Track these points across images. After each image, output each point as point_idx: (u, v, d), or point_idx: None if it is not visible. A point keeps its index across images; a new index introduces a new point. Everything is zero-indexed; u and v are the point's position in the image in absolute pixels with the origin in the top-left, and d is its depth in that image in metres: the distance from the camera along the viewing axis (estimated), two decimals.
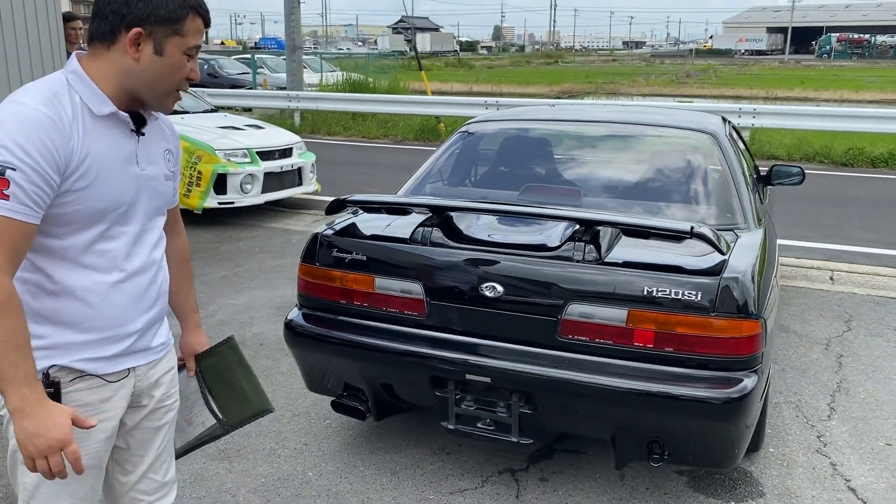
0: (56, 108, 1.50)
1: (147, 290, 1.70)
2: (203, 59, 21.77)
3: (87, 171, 1.53)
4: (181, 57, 1.58)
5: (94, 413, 1.63)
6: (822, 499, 2.92)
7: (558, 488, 2.95)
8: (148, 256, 1.70)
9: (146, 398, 1.77)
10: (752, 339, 2.41)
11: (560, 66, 67.05)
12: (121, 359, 1.67)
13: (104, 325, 1.63)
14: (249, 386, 1.98)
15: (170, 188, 1.76)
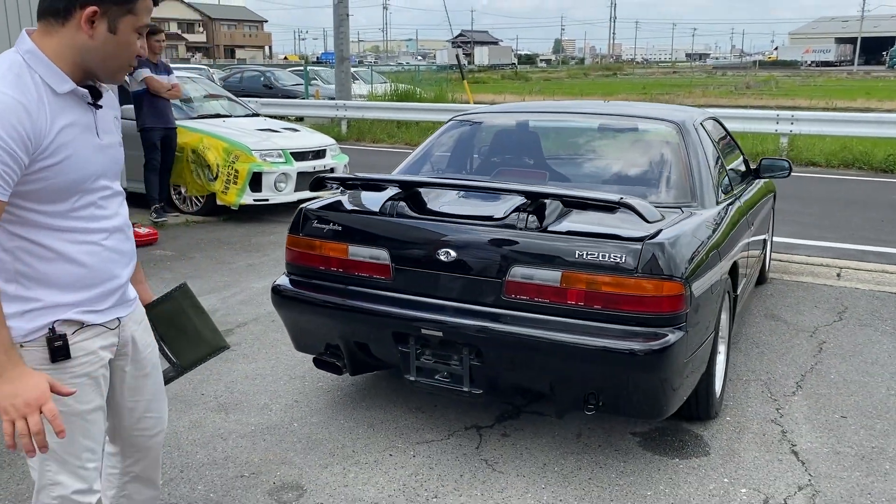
0: (24, 92, 1.60)
1: (123, 247, 1.86)
2: (259, 70, 22.70)
3: (58, 149, 1.64)
4: (132, 35, 1.69)
5: (97, 360, 1.81)
6: (763, 459, 3.12)
7: (517, 443, 3.23)
8: (120, 217, 1.86)
9: (130, 347, 1.93)
10: (674, 299, 2.66)
11: (618, 78, 66.65)
12: (113, 310, 1.85)
13: (97, 282, 1.79)
14: (204, 327, 2.13)
15: (122, 153, 1.90)
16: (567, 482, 2.94)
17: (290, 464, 3.04)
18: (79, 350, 1.76)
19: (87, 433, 1.81)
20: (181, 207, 7.96)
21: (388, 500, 2.79)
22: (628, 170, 3.54)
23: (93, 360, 1.80)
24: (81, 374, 1.78)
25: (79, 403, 1.77)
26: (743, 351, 4.31)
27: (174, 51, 76.73)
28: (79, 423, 1.79)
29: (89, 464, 1.83)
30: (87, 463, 1.82)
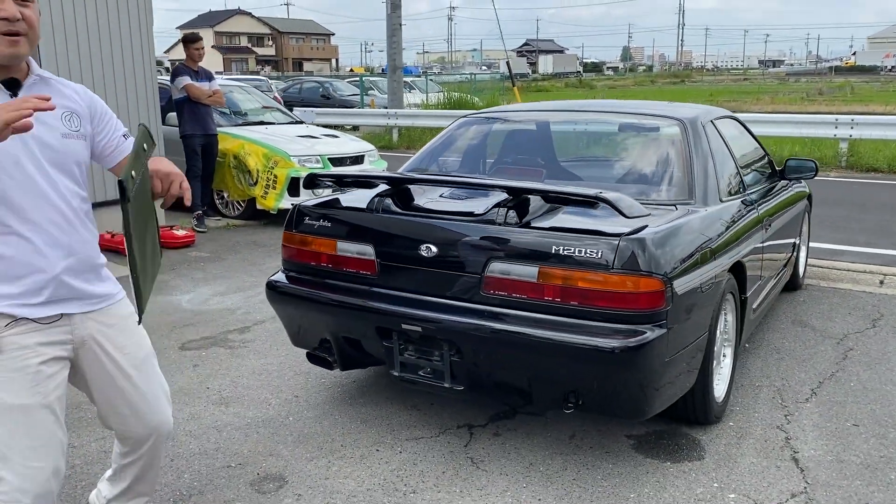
0: None
1: (59, 238, 1.83)
2: (318, 81, 23.17)
3: None
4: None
5: (34, 355, 1.80)
6: (760, 465, 3.01)
7: (507, 443, 3.20)
8: (56, 208, 1.82)
9: (92, 346, 1.93)
10: (652, 296, 2.60)
11: (686, 85, 65.33)
12: (51, 305, 1.83)
13: (21, 273, 1.78)
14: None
15: (73, 146, 1.88)
16: (550, 482, 2.89)
17: (278, 456, 3.08)
18: (10, 344, 1.76)
19: (27, 430, 1.78)
20: (223, 211, 8.18)
21: (366, 494, 2.81)
22: (628, 167, 3.48)
23: (27, 355, 1.78)
24: (14, 369, 1.77)
25: (12, 398, 1.76)
26: (761, 357, 4.17)
27: (244, 63, 78.97)
28: (16, 418, 1.77)
29: (31, 462, 1.79)
30: (28, 462, 1.79)
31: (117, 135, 2.05)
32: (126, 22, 6.66)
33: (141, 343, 2.08)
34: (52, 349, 1.83)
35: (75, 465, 2.95)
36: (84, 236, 1.90)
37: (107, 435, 3.25)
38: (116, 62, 6.61)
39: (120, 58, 6.65)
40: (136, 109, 6.85)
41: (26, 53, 1.80)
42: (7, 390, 1.75)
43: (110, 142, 2.02)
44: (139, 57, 6.84)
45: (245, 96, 9.62)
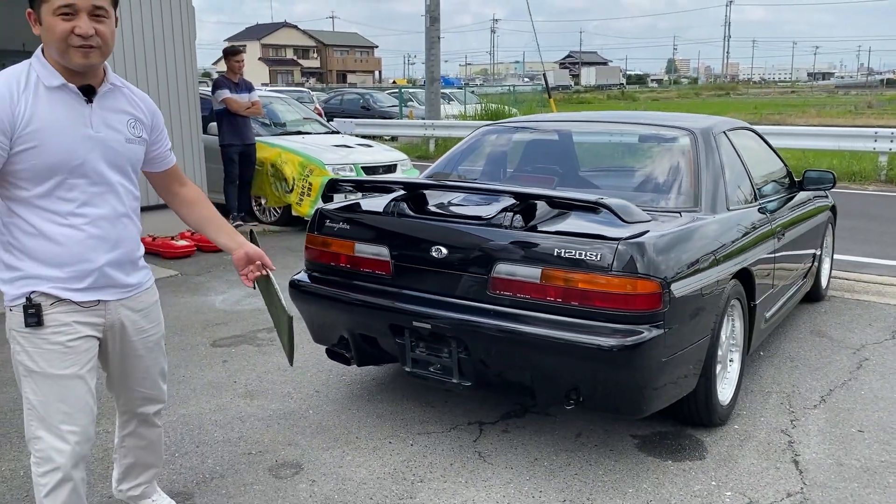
0: (9, 85, 1.87)
1: (107, 234, 2.01)
2: (359, 93, 23.57)
3: (35, 132, 1.86)
4: (53, 19, 1.85)
5: (72, 331, 1.99)
6: (760, 466, 3.09)
7: (515, 439, 3.32)
8: (110, 206, 2.02)
9: (122, 329, 2.12)
10: (649, 297, 2.71)
11: (731, 98, 64.55)
12: (90, 291, 2.01)
13: (70, 261, 1.96)
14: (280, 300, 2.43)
15: (134, 151, 2.08)
16: (552, 476, 3.01)
17: (296, 445, 3.26)
18: (52, 321, 1.96)
19: (62, 397, 1.99)
20: (261, 218, 8.46)
21: (375, 482, 2.96)
22: (639, 175, 3.60)
23: (67, 331, 1.98)
24: (55, 342, 1.98)
25: (52, 368, 1.98)
26: (775, 364, 4.23)
27: (289, 75, 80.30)
28: (53, 385, 1.98)
29: (64, 426, 2.00)
30: (62, 425, 2.00)
31: (166, 147, 2.27)
32: (170, 35, 6.97)
33: (158, 327, 2.26)
34: (86, 328, 2.02)
35: None
36: (131, 232, 2.09)
37: None
38: (160, 73, 6.91)
39: (164, 69, 6.96)
40: (179, 119, 7.15)
41: (99, 63, 1.95)
42: (47, 360, 1.96)
43: (161, 153, 2.23)
44: (181, 69, 7.15)
45: (284, 107, 9.92)
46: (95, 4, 1.87)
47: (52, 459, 2.00)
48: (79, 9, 1.85)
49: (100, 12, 1.89)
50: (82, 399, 2.03)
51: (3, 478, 2.97)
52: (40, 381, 1.97)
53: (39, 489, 2.05)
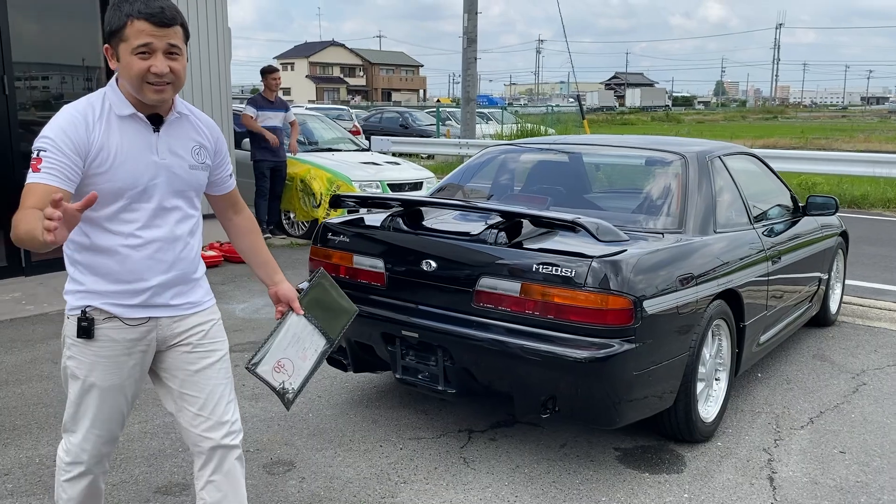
0: (84, 112, 1.97)
1: (163, 256, 2.06)
2: (398, 111, 23.95)
3: (106, 158, 1.95)
4: (130, 58, 1.92)
5: (120, 347, 2.06)
6: (735, 482, 3.18)
7: (500, 447, 3.46)
8: (169, 229, 2.07)
9: (177, 345, 2.14)
10: (620, 313, 2.84)
11: (779, 121, 63.63)
12: (141, 308, 2.07)
13: (125, 279, 2.03)
14: (340, 297, 2.40)
15: (197, 176, 2.13)
16: (531, 482, 3.14)
17: (291, 445, 3.44)
18: (103, 335, 2.04)
19: (100, 406, 2.09)
20: (289, 231, 8.74)
21: (361, 481, 3.13)
22: (628, 197, 3.74)
23: (114, 346, 2.05)
24: (102, 356, 2.06)
25: (95, 378, 2.07)
26: (770, 386, 4.29)
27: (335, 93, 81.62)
28: (93, 394, 2.08)
29: (95, 430, 2.11)
30: (94, 428, 2.11)
31: (227, 173, 2.28)
32: (206, 55, 7.31)
33: (217, 346, 2.21)
34: (135, 344, 2.08)
35: None
36: (187, 254, 2.13)
37: (147, 418, 3.70)
38: (195, 90, 7.25)
39: (199, 87, 7.30)
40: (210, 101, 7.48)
41: (171, 98, 2.03)
42: (92, 371, 2.05)
43: (221, 177, 2.26)
44: (217, 87, 7.48)
45: (319, 125, 10.25)
46: (171, 43, 1.94)
47: (77, 455, 2.14)
48: (155, 48, 1.91)
49: (174, 50, 1.95)
50: (117, 409, 2.12)
51: (21, 464, 3.21)
52: (86, 390, 2.07)
53: (61, 472, 2.18)
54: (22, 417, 3.67)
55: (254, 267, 2.37)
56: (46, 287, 5.94)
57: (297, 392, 2.33)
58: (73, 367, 2.08)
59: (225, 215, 2.36)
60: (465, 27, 16.57)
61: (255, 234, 2.38)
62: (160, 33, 1.92)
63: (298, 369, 2.31)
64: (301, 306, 2.31)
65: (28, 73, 6.46)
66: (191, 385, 2.16)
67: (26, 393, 3.96)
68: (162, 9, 1.92)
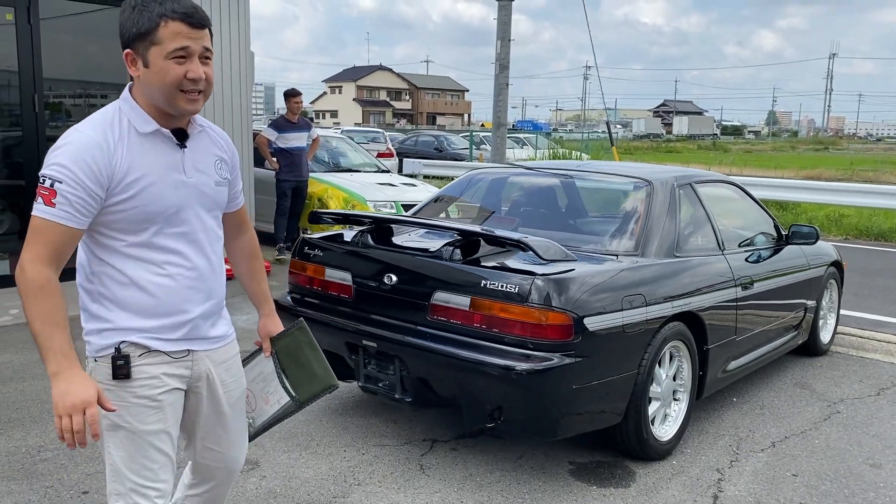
0: (104, 133, 1.75)
1: (202, 284, 1.90)
2: (433, 135, 24.30)
3: (133, 182, 1.76)
4: (165, 63, 1.73)
5: (159, 384, 1.86)
6: (678, 498, 3.26)
7: (460, 456, 3.61)
8: (203, 254, 1.91)
9: (204, 382, 1.98)
10: (559, 328, 2.99)
11: (830, 152, 62.46)
12: (181, 342, 1.90)
13: (164, 312, 1.85)
14: (318, 364, 2.20)
15: (222, 193, 1.96)
16: (479, 489, 3.28)
17: (261, 447, 3.64)
18: (141, 373, 1.84)
19: (147, 453, 1.87)
20: None
21: (318, 481, 3.31)
22: (592, 220, 3.88)
23: (155, 384, 1.86)
24: (142, 396, 1.85)
25: (138, 423, 1.85)
26: (743, 410, 4.35)
27: (381, 116, 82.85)
28: (138, 441, 1.86)
29: (146, 483, 1.88)
30: (145, 482, 1.88)
31: (239, 187, 2.14)
32: (229, 77, 7.67)
33: (239, 382, 2.12)
34: (174, 381, 1.90)
35: None
36: (221, 281, 1.99)
37: None
38: (217, 110, 7.60)
39: (220, 106, 7.65)
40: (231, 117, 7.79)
41: (200, 109, 1.86)
42: (134, 415, 1.84)
43: (235, 194, 2.10)
44: (238, 108, 7.83)
45: (342, 145, 10.58)
46: (206, 46, 1.79)
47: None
48: (192, 52, 1.76)
49: (208, 54, 1.81)
50: (165, 455, 1.91)
51: (8, 452, 3.47)
52: (124, 437, 1.86)
53: None
54: (17, 411, 3.94)
55: (247, 292, 2.28)
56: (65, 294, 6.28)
57: (256, 430, 2.23)
58: (111, 415, 1.82)
59: (229, 234, 2.17)
60: (497, 53, 16.82)
61: (255, 258, 2.25)
62: (196, 35, 1.76)
63: (260, 410, 2.21)
64: (272, 348, 2.23)
65: (58, 91, 6.89)
66: (213, 422, 2.05)
67: (26, 390, 4.24)
68: (195, 8, 1.77)
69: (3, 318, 5.62)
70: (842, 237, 11.92)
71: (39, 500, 3.06)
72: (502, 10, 15.14)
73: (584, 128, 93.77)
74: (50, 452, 3.48)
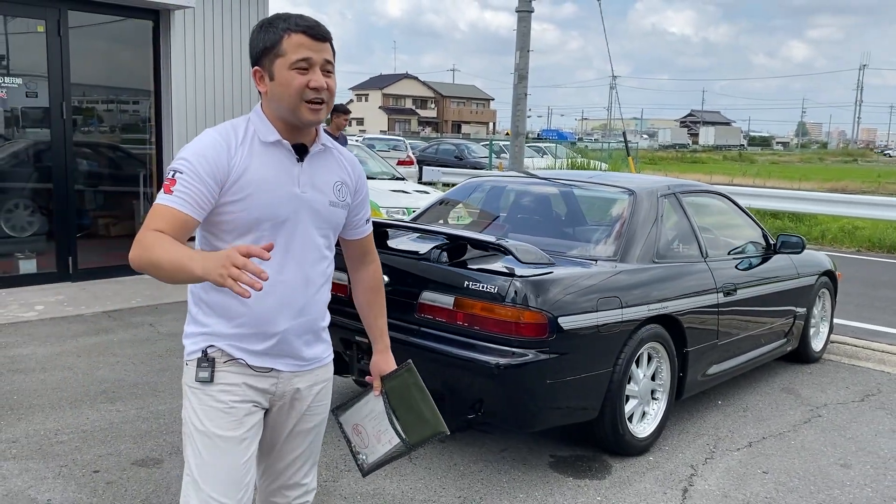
0: (227, 135, 1.83)
1: (295, 299, 1.89)
2: (454, 143, 24.56)
3: (246, 185, 1.80)
4: (288, 73, 1.81)
5: (240, 392, 1.86)
6: (649, 490, 3.45)
7: (447, 448, 3.82)
8: (302, 270, 1.90)
9: (289, 402, 1.96)
10: (534, 326, 3.20)
11: (859, 164, 61.81)
12: (266, 357, 1.89)
13: (252, 321, 1.86)
14: (426, 407, 2.17)
15: (337, 214, 1.96)
16: (461, 477, 3.49)
17: None
18: (223, 378, 1.86)
19: (222, 463, 1.85)
20: None
21: None
22: (577, 227, 4.09)
23: (235, 391, 1.86)
24: (221, 401, 1.86)
25: (215, 427, 1.85)
26: (726, 413, 4.51)
27: (407, 124, 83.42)
28: (214, 447, 1.85)
29: (220, 497, 1.85)
30: (217, 496, 1.85)
31: (365, 216, 2.11)
32: (248, 88, 7.98)
33: (324, 409, 2.09)
34: (255, 394, 1.90)
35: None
36: (319, 298, 1.97)
37: (144, 405, 4.19)
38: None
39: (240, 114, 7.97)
40: None
41: (323, 120, 1.90)
42: (212, 419, 1.85)
43: (359, 221, 2.09)
44: None
45: (360, 153, 10.87)
46: (327, 59, 1.85)
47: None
48: (313, 63, 1.82)
49: (329, 67, 1.86)
50: (242, 469, 1.88)
51: (27, 435, 3.75)
52: (203, 442, 1.87)
53: None
54: (38, 399, 4.23)
55: (364, 324, 2.27)
56: (87, 292, 6.60)
57: (369, 467, 2.22)
58: (192, 419, 1.88)
59: (352, 263, 2.20)
60: (516, 64, 17.05)
61: (376, 292, 2.24)
62: (318, 47, 1.83)
63: (372, 447, 2.20)
64: (382, 388, 2.21)
65: (84, 97, 7.25)
66: (285, 443, 2.03)
67: (48, 379, 4.53)
68: (318, 23, 1.86)
69: (30, 314, 5.94)
70: (854, 249, 11.97)
71: (54, 477, 3.33)
72: (522, 21, 15.37)
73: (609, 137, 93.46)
74: (66, 436, 3.76)
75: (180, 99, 7.50)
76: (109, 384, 4.48)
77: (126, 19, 7.24)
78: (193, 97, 7.62)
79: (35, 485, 3.26)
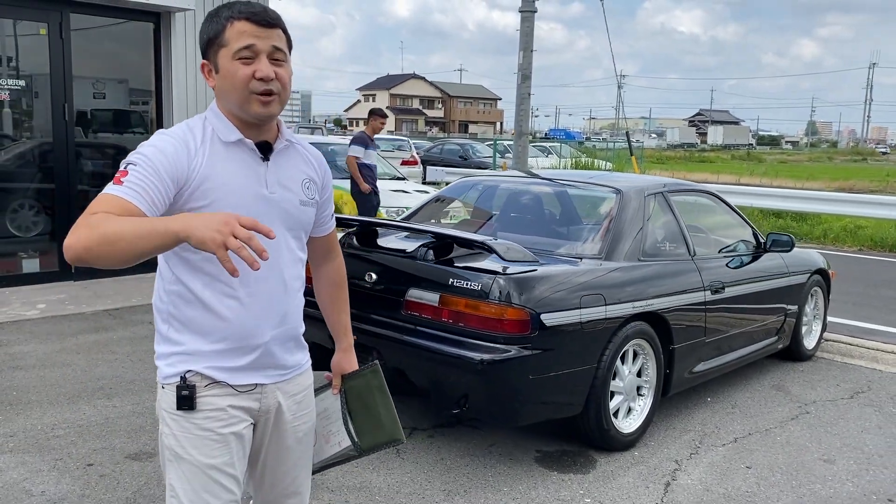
0: (185, 135, 1.71)
1: (274, 307, 1.79)
2: (459, 143, 24.64)
3: (209, 190, 1.68)
4: (232, 64, 1.69)
5: (225, 416, 1.76)
6: (632, 484, 3.51)
7: (435, 443, 3.89)
8: (278, 275, 1.78)
9: (274, 419, 1.87)
10: (516, 323, 3.26)
11: (868, 163, 61.51)
12: (248, 372, 1.79)
13: (234, 335, 1.75)
14: (386, 413, 2.06)
15: (307, 213, 1.85)
16: (447, 471, 3.56)
17: None
18: (206, 404, 1.75)
19: (209, 489, 1.77)
20: None
21: None
22: (562, 225, 4.15)
23: (220, 416, 1.77)
24: (206, 429, 1.76)
25: (202, 456, 1.76)
26: (714, 409, 4.56)
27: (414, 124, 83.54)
28: (200, 475, 1.76)
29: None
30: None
31: (330, 212, 2.04)
32: None
33: (309, 416, 2.00)
34: (241, 413, 1.81)
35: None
36: (297, 304, 1.88)
37: (140, 400, 4.28)
38: None
39: None
40: None
41: (278, 114, 1.78)
42: (196, 447, 1.76)
43: (325, 217, 2.00)
44: None
45: None
46: (275, 45, 1.72)
47: None
48: (258, 51, 1.70)
49: (278, 55, 1.73)
50: (230, 494, 1.81)
51: (25, 429, 3.84)
52: (186, 470, 1.77)
53: None
54: (37, 394, 4.32)
55: (327, 322, 2.20)
56: (88, 291, 6.70)
57: (312, 468, 2.08)
58: (173, 445, 1.77)
59: (316, 260, 2.10)
60: (520, 63, 17.10)
61: (340, 287, 2.16)
62: (263, 34, 1.71)
63: (319, 448, 2.09)
64: (341, 387, 2.13)
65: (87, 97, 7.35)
66: (274, 458, 1.95)
67: (47, 376, 4.62)
68: (264, 9, 1.74)
69: (31, 312, 6.04)
70: (856, 248, 11.97)
71: (48, 470, 3.41)
72: (525, 21, 15.43)
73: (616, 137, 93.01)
74: (62, 430, 3.84)
75: (181, 99, 7.59)
76: (107, 380, 4.56)
77: (127, 21, 7.33)
78: (195, 98, 7.71)
79: (30, 477, 3.34)
